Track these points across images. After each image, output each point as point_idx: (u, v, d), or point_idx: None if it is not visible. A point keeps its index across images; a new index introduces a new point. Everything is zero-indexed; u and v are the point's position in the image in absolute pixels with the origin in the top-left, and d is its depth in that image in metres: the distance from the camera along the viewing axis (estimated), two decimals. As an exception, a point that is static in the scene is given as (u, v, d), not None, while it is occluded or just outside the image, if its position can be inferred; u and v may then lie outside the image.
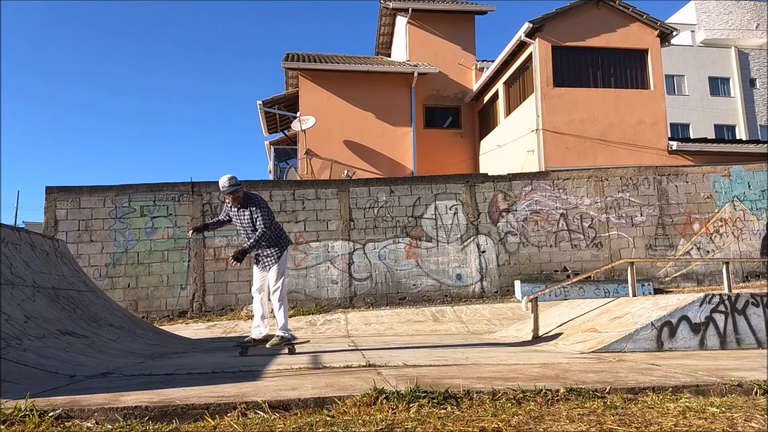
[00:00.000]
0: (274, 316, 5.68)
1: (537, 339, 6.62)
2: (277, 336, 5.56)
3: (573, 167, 13.26)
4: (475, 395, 2.99)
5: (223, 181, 5.44)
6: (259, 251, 5.61)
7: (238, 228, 5.72)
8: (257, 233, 5.43)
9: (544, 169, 13.72)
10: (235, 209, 5.60)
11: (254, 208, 5.50)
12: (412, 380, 3.33)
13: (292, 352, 5.58)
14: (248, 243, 5.47)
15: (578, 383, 3.28)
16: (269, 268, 5.59)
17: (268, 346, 5.54)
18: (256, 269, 5.70)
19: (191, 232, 5.81)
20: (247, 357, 5.41)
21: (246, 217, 5.53)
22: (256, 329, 5.69)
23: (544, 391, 3.03)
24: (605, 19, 14.97)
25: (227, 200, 5.60)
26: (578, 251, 11.67)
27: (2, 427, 2.46)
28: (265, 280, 5.66)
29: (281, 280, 5.57)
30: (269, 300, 5.67)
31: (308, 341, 6.28)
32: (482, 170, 17.24)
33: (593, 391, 3.07)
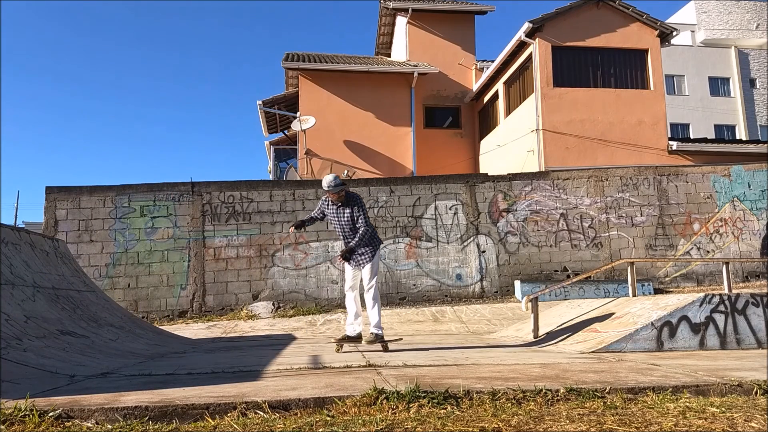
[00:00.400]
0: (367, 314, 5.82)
1: (537, 339, 6.62)
2: (372, 333, 5.67)
3: (573, 167, 13.26)
4: (475, 395, 2.99)
5: (329, 181, 5.61)
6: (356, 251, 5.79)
7: (334, 225, 5.85)
8: (360, 232, 5.60)
9: (544, 169, 13.72)
10: (334, 207, 5.77)
11: (356, 207, 5.67)
12: (412, 380, 3.33)
13: (386, 349, 5.65)
14: (354, 242, 5.64)
15: (578, 383, 3.28)
16: (363, 266, 5.71)
17: (364, 342, 5.68)
18: (348, 267, 5.82)
19: (292, 228, 5.99)
20: (248, 357, 5.40)
21: (346, 216, 5.68)
22: (350, 326, 5.82)
23: (544, 391, 3.03)
24: (605, 19, 14.97)
25: (327, 198, 5.78)
26: (578, 251, 11.67)
27: (2, 427, 2.46)
28: (357, 278, 5.80)
29: (375, 278, 5.73)
30: (362, 297, 5.81)
31: (401, 339, 6.39)
32: (482, 170, 17.24)
33: (593, 391, 3.07)
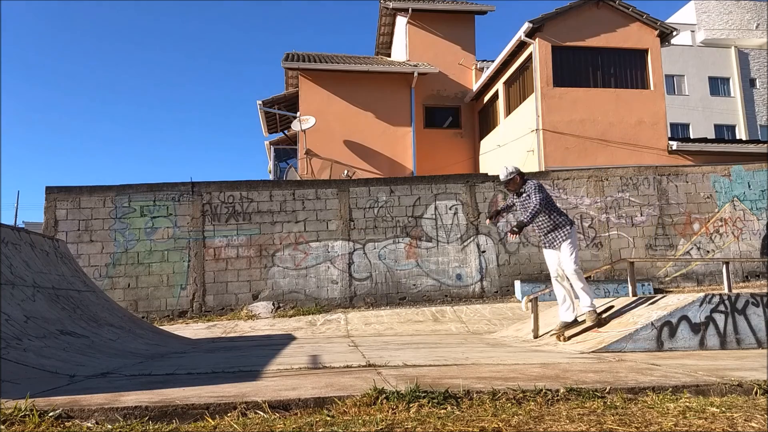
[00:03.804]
0: (576, 295, 5.95)
1: (537, 339, 6.62)
2: (587, 312, 5.81)
3: (573, 167, 13.26)
4: (475, 395, 2.99)
5: (501, 173, 6.05)
6: (547, 232, 5.98)
7: (524, 213, 6.06)
8: (530, 209, 5.82)
9: (543, 169, 13.72)
10: (516, 197, 6.10)
11: (530, 194, 5.90)
12: (412, 380, 3.33)
13: (602, 323, 5.77)
14: (525, 216, 5.89)
15: (578, 383, 3.28)
16: (560, 246, 5.88)
17: (585, 318, 5.83)
18: (547, 253, 6.06)
19: (489, 220, 6.29)
20: (248, 357, 5.40)
21: (527, 203, 5.95)
22: (566, 313, 6.00)
23: (544, 391, 3.03)
24: (605, 19, 14.97)
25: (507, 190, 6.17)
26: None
27: (2, 427, 2.46)
28: (558, 260, 5.93)
29: (573, 255, 5.82)
30: (568, 280, 5.93)
31: (613, 306, 6.40)
32: (482, 170, 17.24)
33: (593, 391, 3.07)
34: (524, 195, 5.99)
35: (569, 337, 5.88)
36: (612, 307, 6.35)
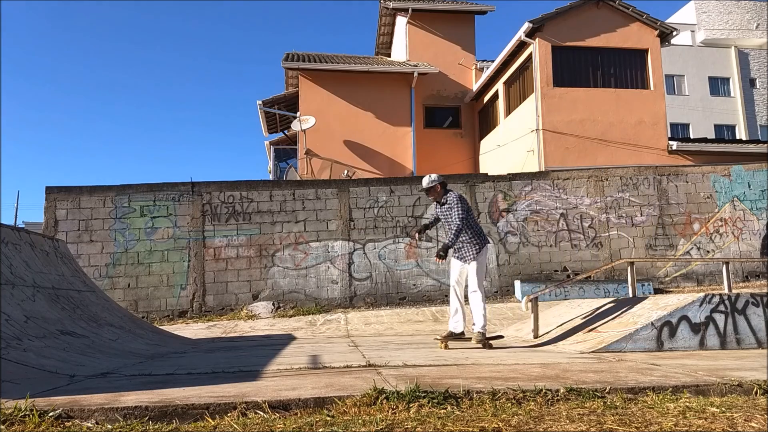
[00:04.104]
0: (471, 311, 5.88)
1: (537, 339, 6.62)
2: (476, 332, 5.75)
3: (573, 167, 13.26)
4: (475, 395, 2.99)
5: (423, 180, 6.01)
6: (460, 246, 5.87)
7: (445, 225, 6.00)
8: (454, 229, 5.72)
9: (544, 169, 13.72)
10: (439, 207, 6.00)
11: (452, 206, 5.81)
12: (412, 380, 3.33)
13: (488, 347, 5.71)
14: (449, 239, 5.75)
15: (578, 383, 3.28)
16: (469, 262, 5.81)
17: (473, 338, 5.75)
18: (454, 262, 5.95)
19: (417, 235, 6.11)
20: (248, 357, 5.40)
21: (447, 213, 5.86)
22: (456, 324, 5.91)
23: (544, 391, 3.03)
24: (605, 19, 14.97)
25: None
26: (578, 251, 11.67)
27: (2, 427, 2.46)
28: (463, 273, 5.86)
29: (479, 276, 5.75)
30: (466, 295, 5.87)
31: (503, 337, 6.41)
32: (482, 170, 17.24)
33: (593, 391, 3.07)
34: (446, 206, 5.89)
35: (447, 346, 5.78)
36: (502, 337, 6.31)
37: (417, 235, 6.11)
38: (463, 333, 5.93)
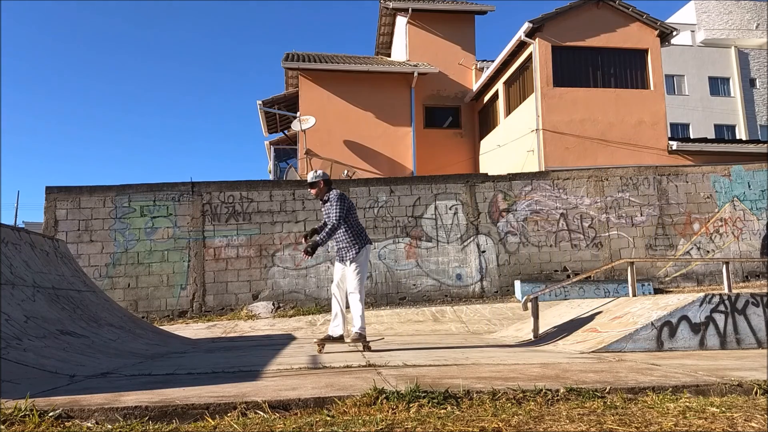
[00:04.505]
0: (350, 312, 5.81)
1: (537, 339, 6.62)
2: (355, 333, 5.68)
3: (573, 167, 13.27)
4: (475, 395, 2.99)
5: (308, 176, 5.83)
6: (340, 246, 5.77)
7: (328, 223, 5.87)
8: (327, 227, 5.64)
9: (544, 169, 13.72)
10: (322, 204, 5.87)
11: (330, 203, 5.70)
12: (412, 380, 3.33)
13: (367, 348, 5.63)
14: (320, 236, 5.63)
15: (578, 383, 3.28)
16: (348, 263, 5.71)
17: (348, 341, 5.71)
18: (337, 264, 5.86)
19: (303, 240, 5.84)
20: (248, 357, 5.40)
21: (328, 211, 5.74)
22: (335, 327, 5.82)
23: (544, 391, 3.03)
24: (605, 19, 14.98)
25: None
26: (578, 251, 11.67)
27: (2, 427, 2.46)
28: (344, 276, 5.77)
29: (358, 278, 5.66)
30: (347, 297, 5.80)
31: (383, 338, 6.36)
32: (482, 170, 17.25)
33: (593, 391, 3.07)
34: (327, 204, 5.76)
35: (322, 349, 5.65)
36: (383, 338, 6.22)
37: (304, 240, 5.84)
38: (342, 337, 5.78)
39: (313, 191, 5.87)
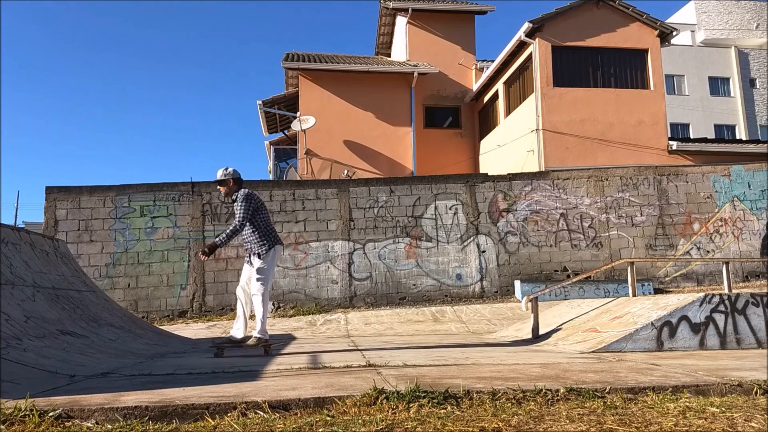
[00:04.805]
0: (254, 316, 5.57)
1: (537, 339, 6.62)
2: (255, 337, 5.43)
3: (573, 167, 13.26)
4: (475, 395, 2.99)
5: (218, 173, 5.59)
6: (247, 247, 5.60)
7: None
8: (230, 227, 5.43)
9: (544, 169, 13.72)
10: (231, 203, 5.65)
11: (237, 203, 5.48)
12: (412, 380, 3.33)
13: (267, 353, 5.45)
14: (220, 237, 5.45)
15: (578, 383, 3.28)
16: (255, 264, 5.51)
17: (249, 343, 5.45)
18: (245, 266, 5.68)
19: (205, 256, 5.53)
20: (248, 357, 5.39)
21: (235, 210, 5.52)
22: (237, 330, 5.57)
23: (544, 391, 3.03)
24: (605, 19, 14.98)
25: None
26: (578, 251, 11.67)
27: (2, 427, 2.46)
28: (250, 278, 5.54)
29: (263, 280, 5.44)
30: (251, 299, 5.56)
31: (282, 342, 6.08)
32: (482, 170, 17.24)
33: (593, 391, 3.07)
34: (235, 204, 5.52)
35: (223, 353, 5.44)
36: (294, 337, 5.90)
37: (206, 249, 5.48)
38: (243, 340, 5.53)
39: (222, 189, 5.64)
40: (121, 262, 10.77)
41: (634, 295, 7.09)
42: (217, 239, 5.45)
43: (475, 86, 18.04)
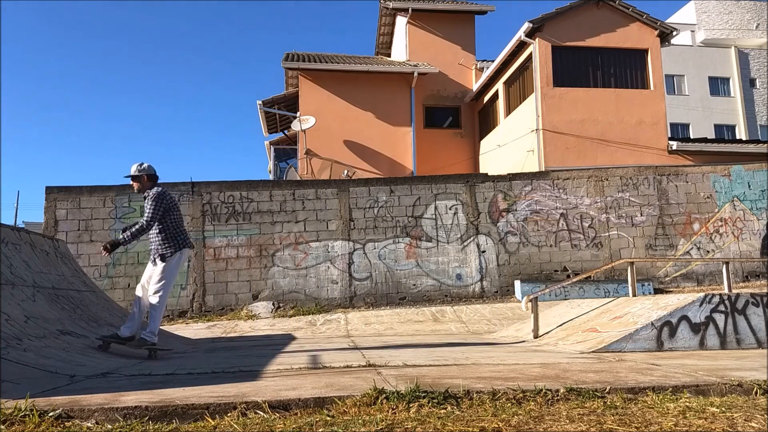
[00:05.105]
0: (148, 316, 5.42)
1: (537, 339, 6.62)
2: (142, 338, 5.27)
3: (573, 167, 13.26)
4: (475, 395, 2.99)
5: (132, 168, 5.47)
6: (152, 247, 5.44)
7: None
8: (136, 225, 5.31)
9: (544, 169, 13.72)
10: (143, 200, 5.49)
11: (147, 200, 5.35)
12: (412, 380, 3.33)
13: (152, 357, 5.30)
14: (125, 234, 5.32)
15: (578, 383, 3.28)
16: (156, 264, 5.39)
17: (133, 343, 5.27)
18: (149, 266, 5.52)
19: (106, 251, 5.31)
20: (248, 357, 5.40)
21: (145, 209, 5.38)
22: (126, 328, 5.33)
23: (544, 390, 3.03)
24: (605, 18, 14.98)
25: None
26: (578, 251, 11.67)
27: (2, 427, 2.46)
28: (151, 278, 5.40)
29: (164, 283, 5.32)
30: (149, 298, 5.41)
31: (170, 350, 5.79)
32: (482, 170, 17.24)
33: (593, 391, 3.07)
34: (146, 201, 5.38)
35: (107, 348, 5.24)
36: (169, 349, 5.61)
37: (108, 245, 5.32)
38: (130, 338, 5.28)
39: (134, 185, 5.50)
40: (121, 262, 10.77)
41: (634, 295, 7.09)
42: (121, 236, 5.31)
43: (475, 86, 18.04)
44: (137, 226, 5.29)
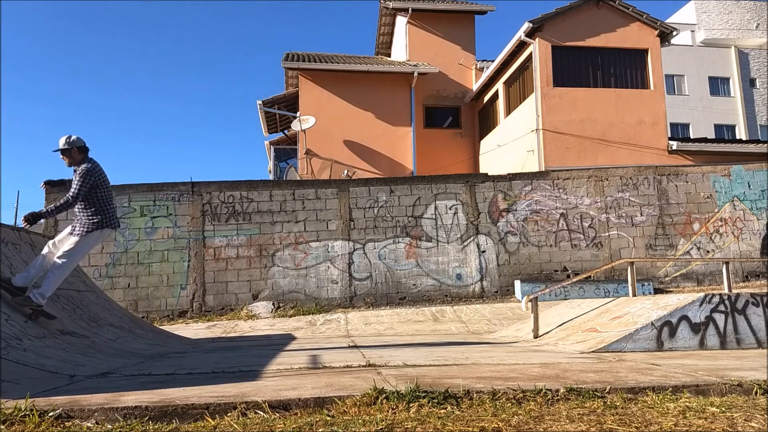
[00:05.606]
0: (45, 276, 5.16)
1: (537, 339, 6.62)
2: (32, 297, 4.98)
3: (573, 167, 13.27)
4: (475, 395, 2.99)
5: (60, 141, 5.23)
6: (78, 219, 5.23)
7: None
8: (62, 199, 5.09)
9: (544, 169, 13.72)
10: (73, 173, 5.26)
11: (75, 175, 5.15)
12: (412, 380, 3.33)
13: (32, 318, 4.98)
14: (48, 207, 5.13)
15: (578, 383, 3.28)
16: (74, 233, 5.18)
17: (20, 299, 4.97)
18: (68, 227, 5.31)
19: (26, 222, 5.08)
20: (248, 357, 5.40)
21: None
22: (21, 277, 5.08)
23: (544, 390, 3.03)
24: (605, 19, 14.98)
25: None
26: (578, 251, 11.67)
27: (2, 427, 2.46)
28: (63, 241, 5.21)
29: (73, 254, 5.14)
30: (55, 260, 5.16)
31: (56, 317, 5.37)
32: (482, 170, 17.25)
33: (593, 391, 3.07)
34: (74, 175, 5.13)
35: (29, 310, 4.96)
36: (54, 317, 5.23)
37: (29, 216, 5.08)
38: (21, 289, 4.99)
39: (65, 159, 5.25)
40: (121, 262, 10.77)
41: (634, 295, 7.09)
42: (44, 209, 5.13)
43: (475, 86, 18.04)
44: (62, 201, 5.09)
